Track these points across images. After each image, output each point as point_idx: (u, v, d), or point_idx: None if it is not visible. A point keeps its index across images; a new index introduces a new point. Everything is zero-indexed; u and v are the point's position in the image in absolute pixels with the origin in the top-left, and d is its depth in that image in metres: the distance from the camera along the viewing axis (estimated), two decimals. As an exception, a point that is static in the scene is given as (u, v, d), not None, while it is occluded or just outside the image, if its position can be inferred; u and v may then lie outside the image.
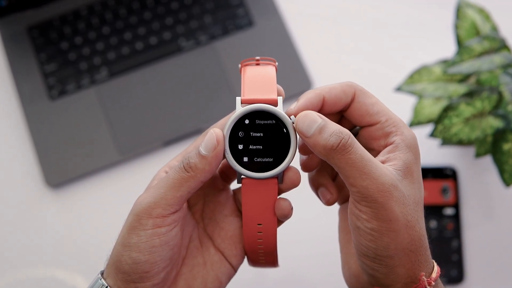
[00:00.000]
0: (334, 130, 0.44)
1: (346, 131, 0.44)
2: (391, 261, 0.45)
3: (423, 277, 0.45)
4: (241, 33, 0.91)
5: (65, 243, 0.84)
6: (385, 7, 0.93)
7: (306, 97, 0.47)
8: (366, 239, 0.45)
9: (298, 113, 0.46)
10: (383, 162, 0.46)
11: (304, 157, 0.51)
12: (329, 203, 0.52)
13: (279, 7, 0.92)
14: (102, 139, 0.87)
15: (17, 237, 0.84)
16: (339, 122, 0.51)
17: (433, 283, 0.46)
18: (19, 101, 0.88)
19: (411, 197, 0.45)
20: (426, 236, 0.46)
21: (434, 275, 0.46)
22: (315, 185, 0.53)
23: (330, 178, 0.52)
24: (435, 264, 0.47)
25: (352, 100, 0.48)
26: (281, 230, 0.59)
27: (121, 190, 0.85)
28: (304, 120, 0.45)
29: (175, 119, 0.87)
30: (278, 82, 0.49)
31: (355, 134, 0.50)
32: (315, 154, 0.47)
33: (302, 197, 0.68)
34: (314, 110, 0.46)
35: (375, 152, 0.48)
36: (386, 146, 0.47)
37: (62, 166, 0.85)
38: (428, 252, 0.47)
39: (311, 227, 0.81)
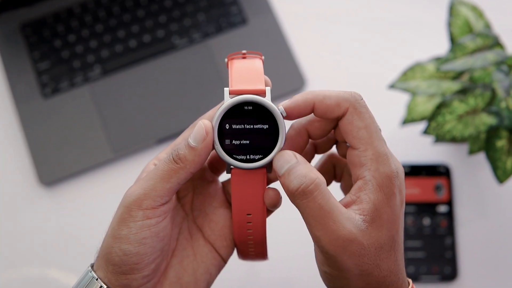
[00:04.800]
0: (300, 174, 0.43)
1: (311, 177, 0.43)
2: None
3: None
4: (235, 31, 0.91)
5: (59, 241, 0.84)
6: (378, 6, 0.94)
7: (295, 100, 0.46)
8: (322, 277, 0.46)
9: (286, 109, 0.46)
10: (352, 202, 0.45)
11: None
12: None
13: (272, 5, 0.93)
14: (96, 137, 0.86)
15: (10, 235, 0.84)
16: (336, 128, 0.49)
17: None
18: (13, 99, 0.88)
19: (373, 244, 0.44)
20: (391, 274, 0.45)
21: None
22: None
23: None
24: None
25: (343, 115, 0.46)
26: (274, 230, 0.59)
27: (115, 187, 0.84)
28: (279, 158, 0.45)
29: (168, 117, 0.87)
30: (272, 79, 0.49)
31: None
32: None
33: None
34: (301, 113, 0.46)
35: (352, 178, 0.47)
36: (359, 177, 0.45)
37: (56, 164, 0.85)
38: (396, 285, 0.46)
39: (303, 228, 0.81)
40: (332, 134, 0.50)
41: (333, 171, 0.53)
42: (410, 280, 0.48)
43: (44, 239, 0.84)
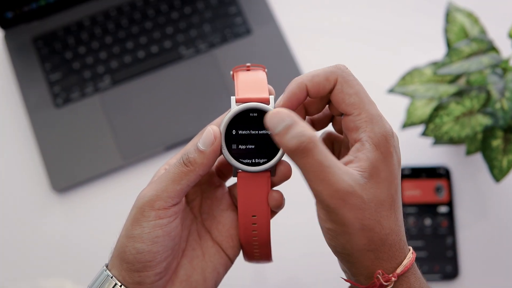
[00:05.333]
0: (297, 132, 0.44)
1: (308, 134, 0.44)
2: (350, 258, 0.46)
3: (378, 275, 0.46)
4: (239, 41, 0.93)
5: (71, 246, 0.85)
6: (378, 16, 0.96)
7: (289, 89, 0.48)
8: (326, 237, 0.47)
9: (285, 101, 0.48)
10: (350, 162, 0.46)
11: None
12: None
13: (275, 16, 0.95)
14: (106, 145, 0.89)
15: (24, 241, 0.86)
16: (330, 103, 0.51)
17: (393, 279, 0.46)
18: (26, 109, 0.91)
19: (373, 200, 0.45)
20: (393, 233, 0.46)
21: (399, 270, 0.47)
22: None
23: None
24: (409, 256, 0.47)
25: (334, 86, 0.48)
26: (278, 230, 0.61)
27: (125, 193, 0.86)
28: (273, 118, 0.45)
29: (176, 124, 0.89)
30: (275, 87, 0.51)
31: None
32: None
33: (298, 197, 0.70)
34: (299, 100, 0.48)
35: (349, 143, 0.48)
36: (356, 140, 0.47)
37: (68, 171, 0.87)
38: (396, 248, 0.47)
39: (307, 228, 0.83)
40: (328, 109, 0.52)
41: (332, 148, 0.54)
42: (411, 248, 0.49)
43: (57, 245, 0.86)
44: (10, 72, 0.94)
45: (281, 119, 0.44)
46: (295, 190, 0.65)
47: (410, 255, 0.48)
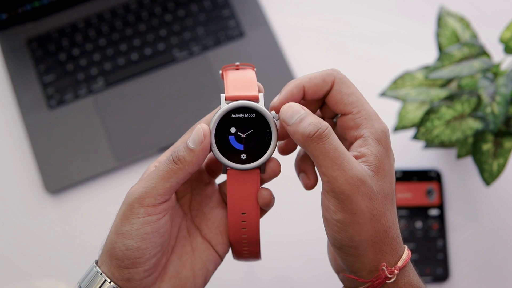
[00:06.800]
0: (313, 121, 0.46)
1: (324, 123, 0.46)
2: (356, 251, 0.47)
3: (383, 267, 0.47)
4: (233, 44, 0.94)
5: (65, 247, 0.86)
6: (369, 18, 0.97)
7: (287, 89, 0.49)
8: (333, 230, 0.47)
9: (280, 106, 0.49)
10: (356, 158, 0.47)
11: (281, 142, 0.54)
12: (307, 187, 0.54)
13: (268, 18, 0.95)
14: (100, 146, 0.89)
15: (17, 242, 0.86)
16: (322, 107, 0.53)
17: (396, 271, 0.47)
18: (19, 110, 0.91)
19: (380, 192, 0.47)
20: (394, 227, 0.48)
21: (400, 263, 0.48)
22: (298, 170, 0.55)
23: (311, 165, 0.54)
24: (406, 252, 0.49)
25: (331, 88, 0.50)
26: (271, 230, 0.62)
27: (118, 195, 0.85)
28: (288, 110, 0.47)
29: (169, 126, 0.89)
30: (268, 89, 0.52)
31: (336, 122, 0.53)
32: (291, 140, 0.50)
33: (291, 196, 0.71)
34: (296, 100, 0.49)
35: (347, 142, 0.50)
36: (356, 137, 0.49)
37: (61, 173, 0.88)
38: (396, 241, 0.48)
39: (300, 228, 0.84)
40: (319, 112, 0.53)
41: None
42: (406, 246, 0.50)
43: (51, 246, 0.86)
44: (4, 74, 0.94)
45: (296, 111, 0.47)
46: (286, 190, 0.65)
47: (407, 251, 0.49)
